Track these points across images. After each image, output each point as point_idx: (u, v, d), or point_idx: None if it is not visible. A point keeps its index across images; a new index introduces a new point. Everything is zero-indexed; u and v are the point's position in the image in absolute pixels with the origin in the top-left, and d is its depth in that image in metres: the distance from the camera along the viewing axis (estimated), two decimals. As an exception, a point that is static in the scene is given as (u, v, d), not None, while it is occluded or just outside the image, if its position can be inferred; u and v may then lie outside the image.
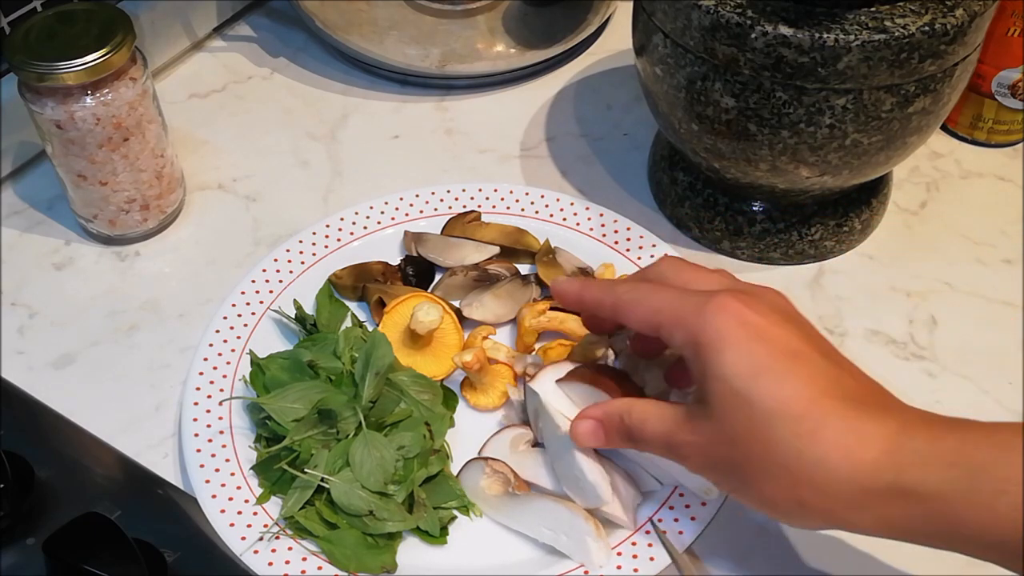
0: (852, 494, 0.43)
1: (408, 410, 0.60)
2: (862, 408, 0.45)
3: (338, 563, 0.54)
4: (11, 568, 0.53)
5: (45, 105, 0.66)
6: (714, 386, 0.46)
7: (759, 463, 0.45)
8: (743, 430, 0.45)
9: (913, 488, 0.42)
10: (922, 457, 0.42)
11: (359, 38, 0.84)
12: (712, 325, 0.46)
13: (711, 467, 0.48)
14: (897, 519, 0.43)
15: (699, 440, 0.47)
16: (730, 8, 0.58)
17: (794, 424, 0.44)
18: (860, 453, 0.43)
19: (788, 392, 0.44)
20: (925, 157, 0.79)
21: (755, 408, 0.44)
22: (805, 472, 0.44)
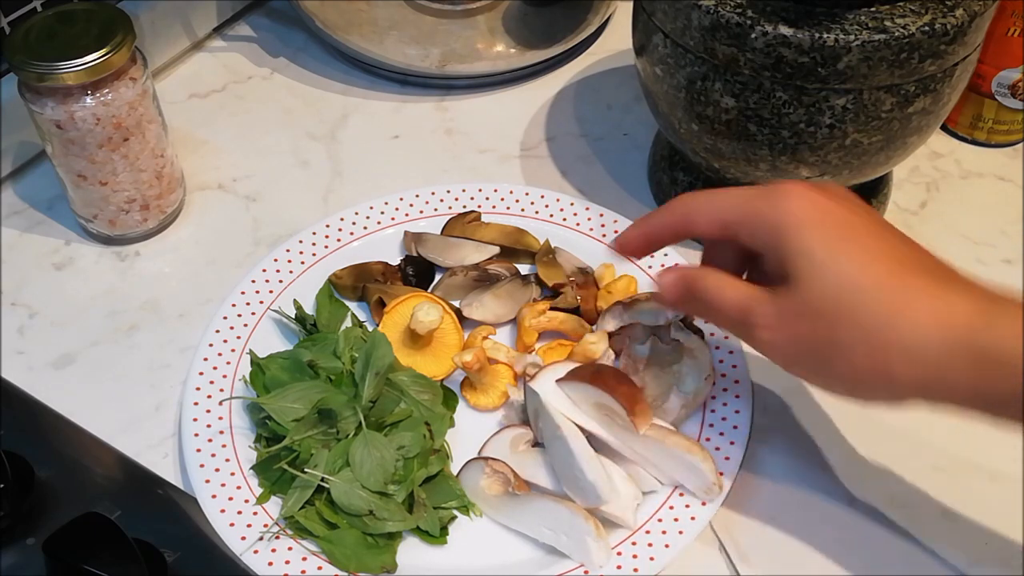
0: (945, 360, 0.43)
1: (408, 410, 0.60)
2: (949, 282, 0.45)
3: (338, 563, 0.54)
4: (11, 568, 0.53)
5: (45, 105, 0.66)
6: (798, 262, 0.45)
7: (847, 335, 0.44)
8: (831, 302, 0.44)
9: (1007, 353, 0.42)
10: (1015, 325, 0.42)
11: (359, 38, 0.84)
12: (788, 208, 0.46)
13: (790, 344, 0.47)
14: (986, 386, 0.43)
15: (781, 313, 0.46)
16: (730, 8, 0.58)
17: (884, 294, 0.44)
18: (952, 319, 0.43)
19: (875, 265, 0.44)
20: (925, 157, 0.79)
21: (843, 279, 0.44)
22: (896, 339, 0.43)
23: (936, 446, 0.61)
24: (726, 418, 0.59)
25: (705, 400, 0.60)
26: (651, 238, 0.53)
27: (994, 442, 0.60)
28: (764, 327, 0.47)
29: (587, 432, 0.57)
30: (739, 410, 0.60)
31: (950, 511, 0.58)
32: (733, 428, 0.59)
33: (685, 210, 0.50)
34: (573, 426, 0.57)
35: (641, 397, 0.57)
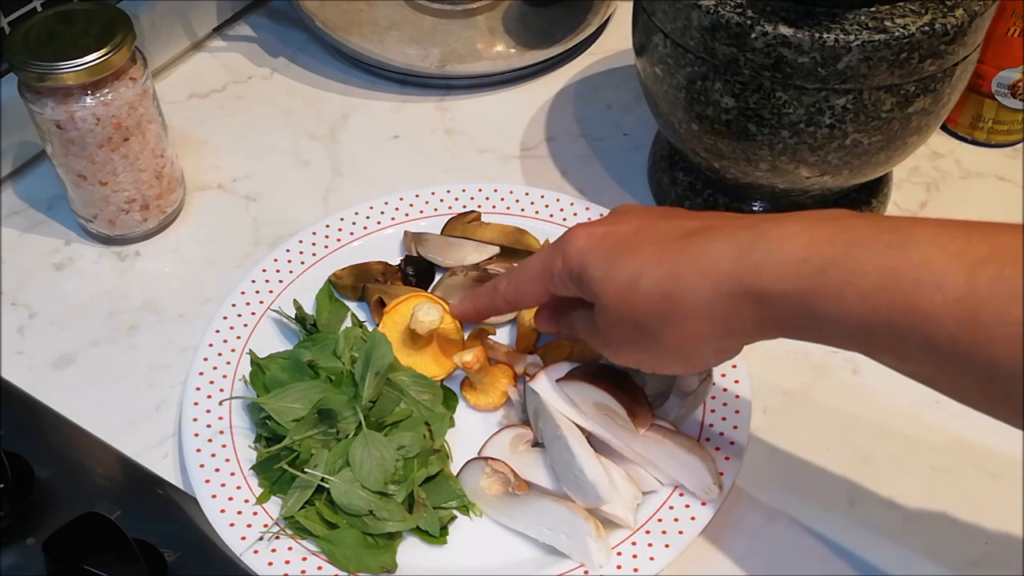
0: (730, 307, 0.46)
1: (408, 410, 0.60)
2: (708, 235, 0.47)
3: (338, 563, 0.54)
4: (11, 568, 0.53)
5: (45, 105, 0.66)
6: (592, 290, 0.50)
7: (649, 323, 0.49)
8: (624, 306, 0.49)
9: (770, 287, 0.44)
10: (773, 257, 0.44)
11: (359, 38, 0.84)
12: (570, 252, 0.51)
13: (623, 353, 0.52)
14: (770, 318, 0.45)
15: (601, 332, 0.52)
16: (730, 8, 0.58)
17: (653, 273, 0.48)
18: (715, 268, 0.46)
19: (640, 256, 0.48)
20: (925, 157, 0.79)
21: (622, 282, 0.49)
22: (679, 307, 0.47)
23: (936, 446, 0.61)
24: (726, 418, 0.59)
25: (705, 400, 0.60)
26: (482, 313, 0.60)
27: (994, 442, 0.60)
28: (603, 343, 0.53)
29: (587, 432, 0.57)
30: (739, 410, 0.60)
31: (949, 511, 0.58)
32: (733, 428, 0.59)
33: (510, 295, 0.57)
34: (573, 426, 0.57)
35: (641, 397, 0.57)
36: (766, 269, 0.44)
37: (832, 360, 0.65)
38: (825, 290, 0.43)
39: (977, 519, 0.57)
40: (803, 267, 0.43)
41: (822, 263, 0.43)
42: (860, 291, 0.42)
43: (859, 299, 0.42)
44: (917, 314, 0.41)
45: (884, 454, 0.60)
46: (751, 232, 0.46)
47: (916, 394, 0.63)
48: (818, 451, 0.60)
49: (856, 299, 0.42)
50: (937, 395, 0.65)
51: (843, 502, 0.58)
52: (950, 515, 0.57)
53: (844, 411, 0.62)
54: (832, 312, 0.43)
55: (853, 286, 0.42)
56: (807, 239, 0.44)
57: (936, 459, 0.60)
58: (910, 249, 0.42)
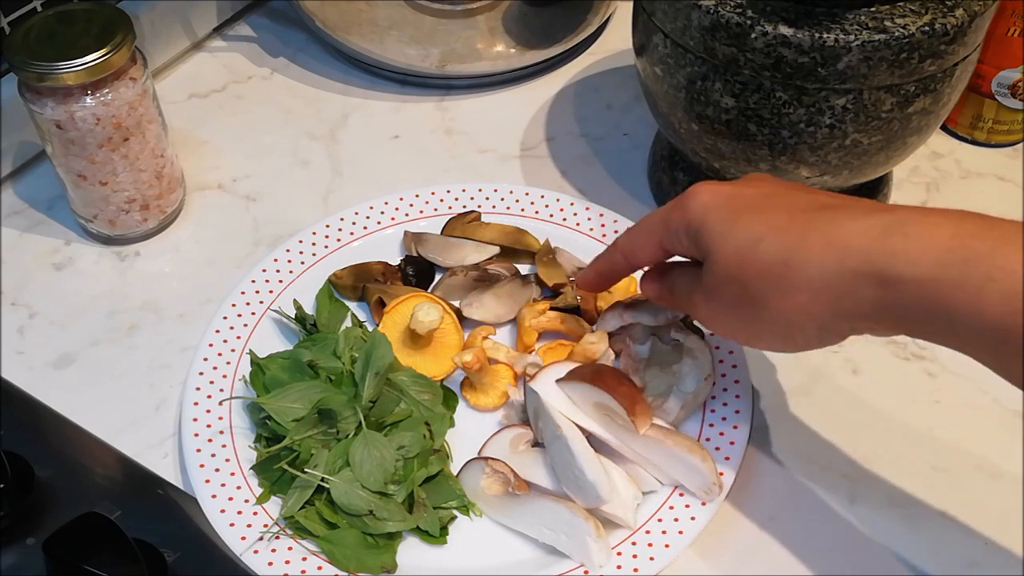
0: (849, 285, 0.44)
1: (408, 410, 0.60)
2: (845, 210, 0.46)
3: (338, 563, 0.54)
4: (11, 568, 0.53)
5: (45, 105, 0.66)
6: (707, 244, 0.49)
7: (756, 287, 0.47)
8: (735, 265, 0.47)
9: (903, 272, 0.42)
10: (914, 243, 0.43)
11: (359, 38, 0.84)
12: (691, 207, 0.50)
13: (719, 313, 0.50)
14: (895, 307, 0.43)
15: (705, 289, 0.50)
16: (730, 8, 0.58)
17: (778, 238, 0.46)
18: (846, 243, 0.44)
19: (767, 219, 0.47)
20: (925, 157, 0.79)
21: (740, 240, 0.47)
22: (797, 276, 0.45)
23: (936, 446, 0.61)
24: (726, 418, 0.59)
25: (705, 400, 0.60)
26: (605, 276, 0.58)
27: (994, 442, 0.60)
28: (699, 303, 0.51)
29: (587, 432, 0.57)
30: (739, 410, 0.60)
31: (950, 511, 0.58)
32: (733, 428, 0.59)
33: (626, 249, 0.55)
34: (573, 426, 0.57)
35: (641, 397, 0.57)
36: (903, 252, 0.42)
37: (832, 360, 0.65)
38: (965, 283, 0.41)
39: (977, 519, 0.57)
40: (944, 256, 0.41)
41: (966, 255, 0.41)
42: (1005, 290, 0.40)
43: (1001, 299, 0.40)
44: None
45: (884, 454, 0.60)
46: (892, 215, 0.44)
47: (916, 394, 0.63)
48: (818, 451, 0.60)
49: (999, 298, 0.40)
50: (937, 395, 0.65)
51: (843, 502, 0.58)
52: (950, 515, 0.57)
53: (844, 411, 0.62)
54: (967, 308, 0.41)
55: (997, 284, 0.40)
56: (952, 229, 0.42)
57: (936, 459, 0.60)
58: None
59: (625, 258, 0.55)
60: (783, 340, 0.49)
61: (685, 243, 0.50)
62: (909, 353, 0.66)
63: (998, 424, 0.62)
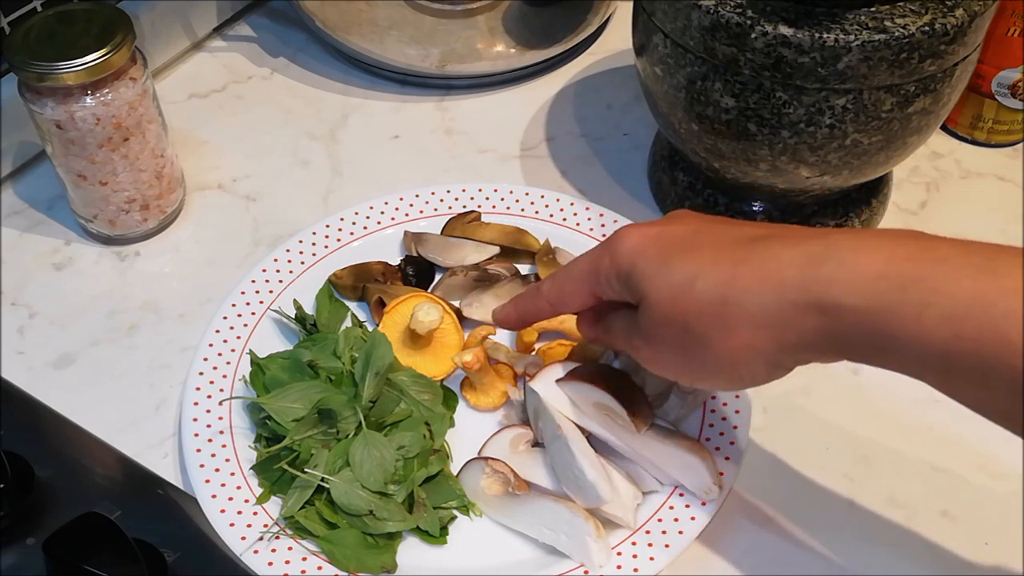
0: (790, 317, 0.43)
1: (408, 410, 0.60)
2: (775, 240, 0.45)
3: (338, 563, 0.54)
4: (11, 568, 0.53)
5: (45, 105, 0.66)
6: (640, 288, 0.48)
7: (696, 326, 0.46)
8: (671, 306, 0.47)
9: (841, 301, 0.42)
10: (848, 270, 0.42)
11: (359, 38, 0.84)
12: (621, 251, 0.49)
13: (660, 357, 0.50)
14: (833, 335, 0.43)
15: (642, 334, 0.49)
16: (730, 8, 0.58)
17: (712, 275, 0.45)
18: (781, 275, 0.43)
19: (698, 257, 0.46)
20: (925, 157, 0.79)
21: (673, 282, 0.46)
22: (735, 313, 0.44)
23: (936, 446, 0.61)
24: (726, 418, 0.59)
25: (705, 400, 0.60)
26: (526, 319, 0.57)
27: (994, 442, 0.60)
28: (639, 346, 0.50)
29: (587, 432, 0.57)
30: (739, 410, 0.60)
31: (950, 511, 0.58)
32: (733, 428, 0.59)
33: (553, 297, 0.54)
34: (573, 426, 0.57)
35: (641, 397, 0.57)
36: (838, 281, 0.42)
37: (832, 360, 0.65)
38: (904, 309, 0.40)
39: (977, 519, 0.57)
40: (880, 282, 0.41)
41: (902, 281, 0.40)
42: (944, 314, 0.39)
43: (942, 323, 0.39)
44: (1007, 345, 0.38)
45: (884, 454, 0.60)
46: (823, 241, 0.43)
47: (916, 394, 0.63)
48: (818, 451, 0.60)
49: (938, 322, 0.39)
50: (937, 395, 0.65)
51: (843, 502, 0.58)
52: (950, 515, 0.57)
53: (844, 411, 0.62)
54: (909, 334, 0.40)
55: (936, 308, 0.39)
56: (887, 254, 0.41)
57: (936, 459, 0.60)
58: (1001, 275, 0.39)
59: (551, 305, 0.55)
60: (729, 379, 0.48)
61: (617, 289, 0.50)
62: (909, 353, 0.66)
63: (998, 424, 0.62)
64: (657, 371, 0.51)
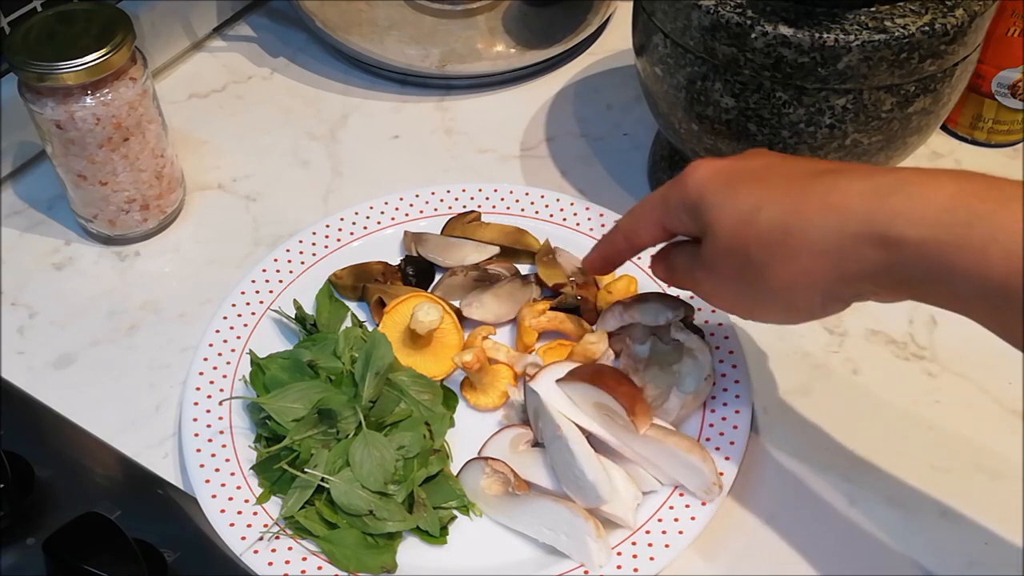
0: (850, 246, 0.43)
1: (408, 410, 0.60)
2: (844, 174, 0.45)
3: (338, 563, 0.54)
4: (11, 568, 0.53)
5: (45, 105, 0.66)
6: (706, 217, 0.48)
7: (758, 255, 0.46)
8: (736, 235, 0.47)
9: (904, 233, 0.42)
10: (915, 203, 0.42)
11: (359, 38, 0.84)
12: (688, 183, 0.49)
13: (722, 286, 0.50)
14: (893, 268, 0.43)
15: (705, 262, 0.49)
16: (730, 8, 0.58)
17: (777, 204, 0.45)
18: (846, 205, 0.44)
19: (765, 187, 0.46)
20: (925, 157, 0.79)
21: (739, 210, 0.47)
22: (797, 241, 0.45)
23: (936, 446, 0.61)
24: (726, 418, 0.59)
25: (705, 400, 0.60)
26: (609, 259, 0.58)
27: (994, 442, 0.60)
28: (701, 279, 0.51)
29: (587, 432, 0.57)
30: (739, 410, 0.60)
31: (950, 511, 0.58)
32: (733, 428, 0.59)
33: (627, 231, 0.55)
34: (573, 426, 0.57)
35: (641, 397, 0.57)
36: (904, 213, 0.42)
37: (832, 360, 0.65)
38: (968, 243, 0.40)
39: (977, 519, 0.57)
40: (946, 216, 0.41)
41: (968, 216, 0.41)
42: (1007, 250, 0.40)
43: (1004, 258, 0.40)
44: None
45: (884, 454, 0.60)
46: (892, 176, 0.43)
47: (916, 394, 0.63)
48: (818, 451, 0.60)
49: (1001, 258, 0.40)
50: (937, 395, 0.65)
51: (843, 502, 0.58)
52: (950, 515, 0.57)
53: (844, 411, 0.62)
54: (971, 268, 0.40)
55: (1000, 244, 0.40)
56: (954, 189, 0.41)
57: (936, 459, 0.60)
58: None
59: (627, 239, 0.55)
60: (786, 310, 0.48)
61: (685, 220, 0.50)
62: (909, 353, 0.66)
63: (998, 424, 0.62)
64: (716, 303, 0.52)
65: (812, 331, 0.66)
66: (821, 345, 0.66)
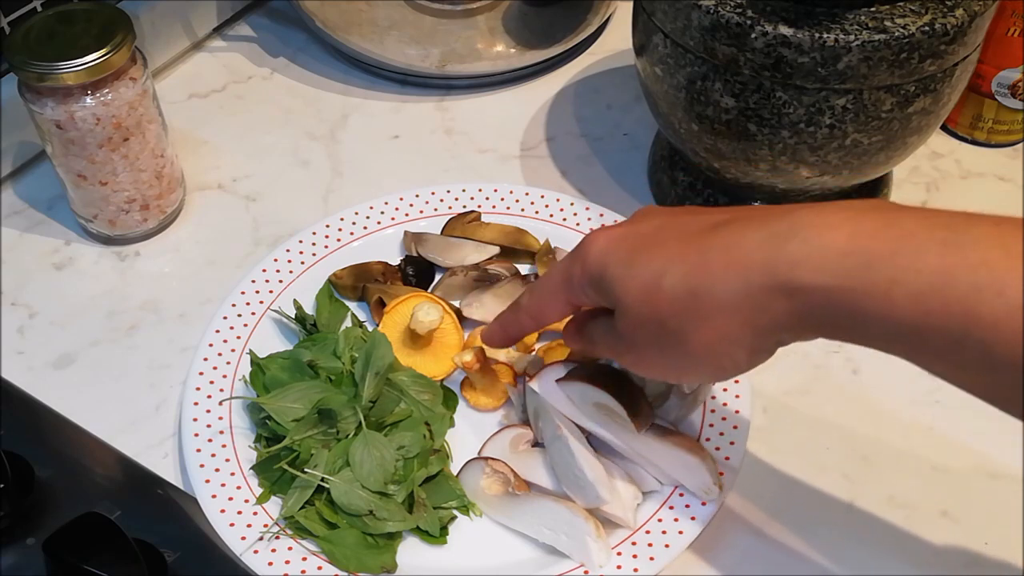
0: (754, 300, 0.43)
1: (408, 410, 0.60)
2: (739, 223, 0.44)
3: (338, 563, 0.54)
4: (11, 568, 0.53)
5: (45, 105, 0.66)
6: (612, 292, 0.47)
7: (673, 323, 0.45)
8: (646, 305, 0.46)
9: (807, 281, 0.41)
10: (812, 249, 0.41)
11: (359, 38, 0.84)
12: (589, 257, 0.48)
13: (642, 359, 0.49)
14: (805, 315, 0.42)
15: (622, 336, 0.48)
16: (730, 8, 0.58)
17: (678, 268, 0.45)
18: (747, 258, 0.43)
19: (663, 252, 0.46)
20: (925, 157, 0.79)
21: (645, 279, 0.46)
22: (707, 303, 0.44)
23: (936, 446, 0.61)
24: (726, 418, 0.59)
25: (705, 400, 0.60)
26: (511, 336, 0.57)
27: (994, 442, 0.60)
28: (622, 351, 0.50)
29: (587, 432, 0.57)
30: (739, 410, 0.60)
31: (950, 511, 0.58)
32: (733, 428, 0.59)
33: (532, 310, 0.54)
34: (573, 426, 0.57)
35: (641, 397, 0.57)
36: (804, 260, 0.41)
37: (832, 360, 0.65)
38: (872, 288, 0.40)
39: (977, 519, 0.57)
40: (846, 260, 0.40)
41: (867, 258, 0.40)
42: (911, 292, 0.39)
43: (910, 300, 0.39)
44: (975, 320, 0.38)
45: (884, 454, 0.60)
46: (786, 221, 0.42)
47: (916, 394, 0.63)
48: (818, 451, 0.60)
49: (906, 300, 0.39)
50: (937, 395, 0.65)
51: (843, 502, 0.58)
52: (950, 515, 0.57)
53: (844, 411, 0.62)
54: (878, 312, 0.40)
55: (903, 286, 0.39)
56: (850, 230, 0.41)
57: (936, 459, 0.60)
58: (967, 249, 0.38)
59: (532, 319, 0.54)
60: (713, 369, 0.47)
61: (592, 295, 0.49)
62: (909, 353, 0.66)
63: (998, 424, 0.62)
64: (643, 373, 0.51)
65: (812, 331, 0.66)
66: (821, 345, 0.66)
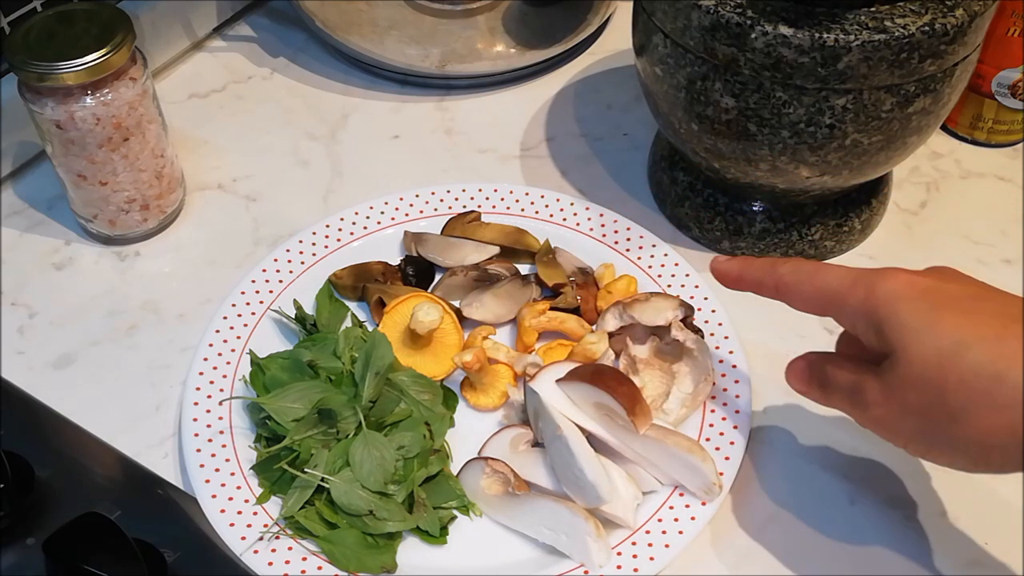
0: None
1: (408, 410, 0.60)
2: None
3: (338, 563, 0.54)
4: (11, 568, 0.53)
5: (45, 105, 0.66)
6: (896, 336, 0.44)
7: (957, 398, 0.43)
8: (934, 367, 0.43)
9: None
10: None
11: (359, 38, 0.84)
12: (881, 289, 0.46)
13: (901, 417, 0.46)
14: None
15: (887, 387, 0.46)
16: (730, 8, 0.58)
17: (991, 348, 0.42)
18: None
19: (975, 324, 0.43)
20: (925, 157, 0.79)
21: (942, 342, 0.43)
22: (1009, 393, 0.41)
23: (936, 446, 0.61)
24: (726, 418, 0.59)
25: (705, 400, 0.60)
26: (743, 286, 0.54)
27: (994, 442, 0.60)
28: (873, 404, 0.47)
29: (587, 432, 0.57)
30: (739, 410, 0.60)
31: (950, 511, 0.58)
32: (733, 428, 0.59)
33: (784, 282, 0.51)
34: (573, 426, 0.57)
35: (641, 397, 0.57)
36: None
37: (832, 360, 0.65)
38: None
39: (977, 519, 0.57)
40: None
41: None
42: None
43: None
44: None
45: (884, 454, 0.60)
46: None
47: (916, 394, 0.63)
48: (818, 451, 0.60)
49: None
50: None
51: (843, 502, 0.58)
52: (950, 515, 0.57)
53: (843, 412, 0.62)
54: None
55: None
56: None
57: (936, 459, 0.60)
58: None
59: (777, 290, 0.51)
60: (975, 460, 0.44)
61: (860, 326, 0.47)
62: (909, 353, 0.66)
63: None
64: (885, 433, 0.48)
65: (813, 331, 0.66)
66: (822, 345, 0.66)
